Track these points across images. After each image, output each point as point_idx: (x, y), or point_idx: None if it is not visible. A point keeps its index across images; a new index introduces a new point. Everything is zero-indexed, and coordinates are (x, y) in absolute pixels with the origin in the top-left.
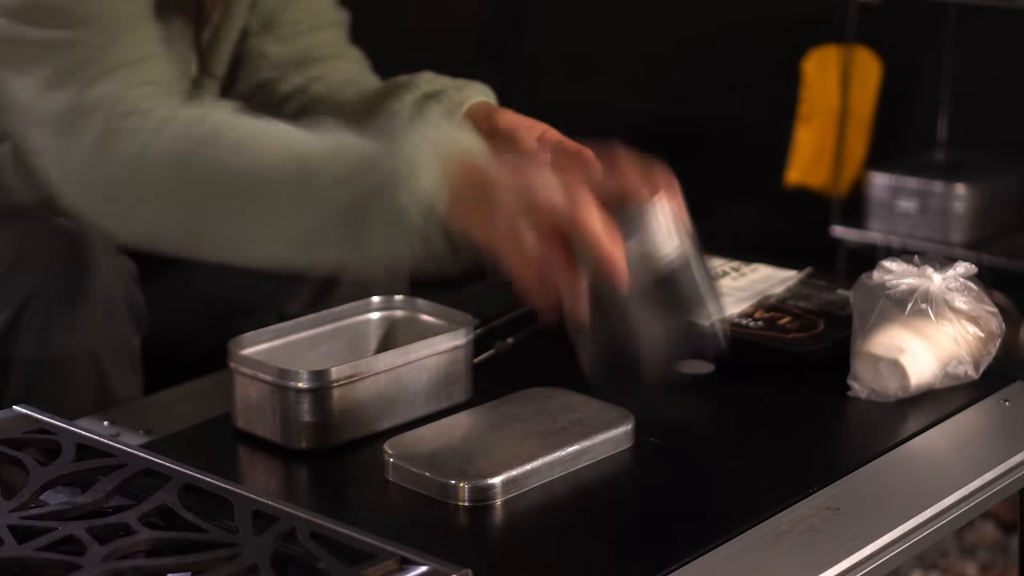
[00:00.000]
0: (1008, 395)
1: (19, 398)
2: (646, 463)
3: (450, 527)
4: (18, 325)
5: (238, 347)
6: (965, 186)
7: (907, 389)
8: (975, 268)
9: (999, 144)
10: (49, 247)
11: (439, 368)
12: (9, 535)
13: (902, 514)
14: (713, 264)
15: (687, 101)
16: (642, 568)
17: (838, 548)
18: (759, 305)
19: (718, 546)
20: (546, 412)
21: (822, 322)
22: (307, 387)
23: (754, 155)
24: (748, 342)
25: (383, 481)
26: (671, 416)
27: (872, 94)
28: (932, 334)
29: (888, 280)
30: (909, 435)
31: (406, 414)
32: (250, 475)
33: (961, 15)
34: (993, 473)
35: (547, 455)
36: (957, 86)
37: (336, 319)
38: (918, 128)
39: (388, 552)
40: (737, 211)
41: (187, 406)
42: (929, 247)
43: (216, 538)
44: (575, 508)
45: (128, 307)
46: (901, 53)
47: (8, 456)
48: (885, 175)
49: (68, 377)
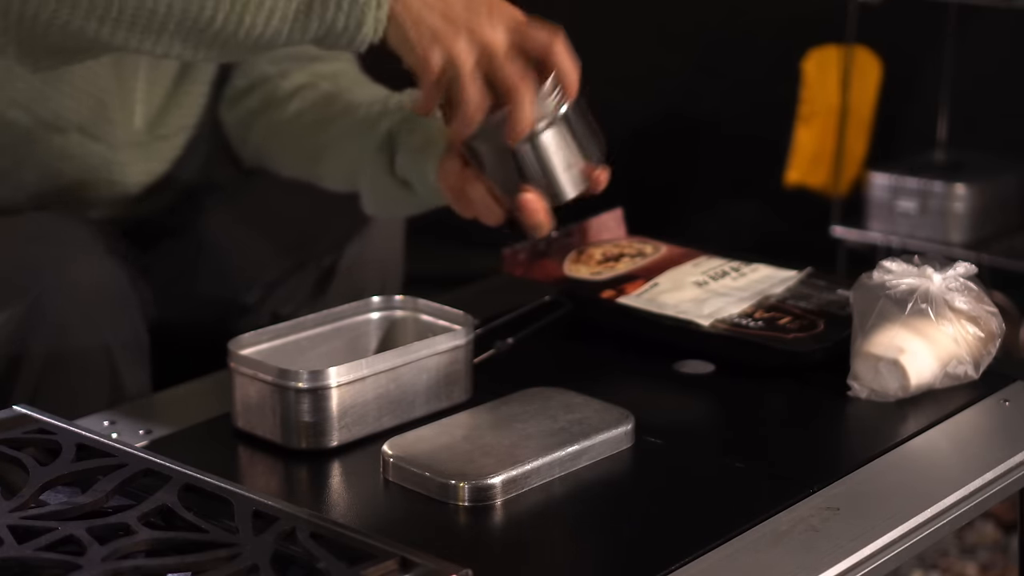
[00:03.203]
0: (1008, 395)
1: (30, 394)
2: (646, 463)
3: (450, 527)
4: (29, 320)
5: (238, 347)
6: (965, 186)
7: (907, 389)
8: (975, 268)
9: (999, 144)
10: (59, 242)
11: (439, 368)
12: (9, 535)
13: (902, 514)
14: (713, 264)
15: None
16: (642, 568)
17: (838, 548)
18: (759, 305)
19: (718, 546)
20: (546, 412)
21: (822, 322)
22: (307, 387)
23: (754, 155)
24: (748, 342)
25: (383, 481)
26: (671, 416)
27: (872, 94)
28: (932, 334)
29: (888, 280)
30: (909, 435)
31: (406, 414)
32: (250, 475)
33: (961, 15)
34: (993, 473)
35: (547, 455)
36: (957, 86)
37: (336, 319)
38: (918, 128)
39: (388, 552)
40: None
41: (187, 406)
42: (929, 247)
43: (216, 538)
44: (575, 508)
45: (136, 302)
46: (901, 53)
47: (8, 456)
48: (885, 175)
49: (80, 372)
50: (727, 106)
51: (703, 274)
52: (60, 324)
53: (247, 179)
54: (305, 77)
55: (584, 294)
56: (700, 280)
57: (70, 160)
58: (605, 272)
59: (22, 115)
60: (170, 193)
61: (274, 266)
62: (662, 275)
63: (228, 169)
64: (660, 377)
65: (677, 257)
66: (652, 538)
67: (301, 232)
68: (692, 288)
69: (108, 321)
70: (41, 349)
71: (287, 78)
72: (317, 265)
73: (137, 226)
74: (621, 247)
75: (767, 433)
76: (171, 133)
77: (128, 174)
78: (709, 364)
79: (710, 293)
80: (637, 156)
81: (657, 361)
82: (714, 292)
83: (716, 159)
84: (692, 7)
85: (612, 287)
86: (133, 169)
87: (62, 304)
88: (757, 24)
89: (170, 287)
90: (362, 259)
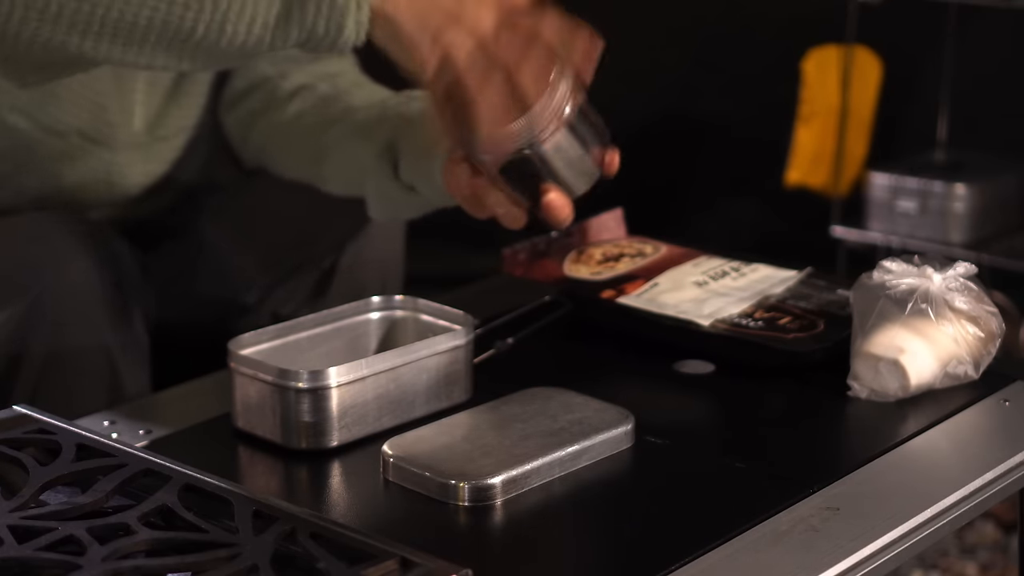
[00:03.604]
0: (1008, 395)
1: (29, 393)
2: (646, 463)
3: (450, 527)
4: (29, 320)
5: (238, 347)
6: (965, 186)
7: (907, 389)
8: (975, 268)
9: (999, 144)
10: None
11: (439, 368)
12: (9, 535)
13: (902, 514)
14: (713, 264)
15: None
16: (642, 568)
17: (838, 548)
18: (759, 305)
19: (718, 546)
20: (546, 412)
21: (822, 322)
22: (307, 387)
23: (754, 155)
24: (748, 342)
25: (383, 481)
26: (671, 416)
27: (872, 94)
28: (932, 334)
29: (888, 280)
30: (909, 435)
31: (406, 414)
32: (250, 475)
33: (961, 15)
34: (993, 473)
35: (547, 455)
36: (957, 86)
37: (336, 319)
38: (918, 128)
39: (388, 552)
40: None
41: (187, 406)
42: (929, 247)
43: (216, 538)
44: (575, 508)
45: (136, 301)
46: (901, 53)
47: (8, 456)
48: (885, 175)
49: (79, 372)
50: (727, 106)
51: (703, 274)
52: (60, 324)
53: (247, 179)
54: (304, 78)
55: (584, 294)
56: (700, 280)
57: (70, 163)
58: (605, 272)
59: (22, 120)
60: (170, 194)
61: (274, 266)
62: (662, 275)
63: (228, 170)
64: (660, 377)
65: (677, 257)
66: (652, 538)
67: (301, 232)
68: (692, 288)
69: (108, 321)
70: (41, 349)
71: (287, 79)
72: (317, 265)
73: (137, 226)
74: (621, 247)
75: (767, 433)
76: (171, 134)
77: (128, 176)
78: (709, 364)
79: (710, 293)
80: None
81: (657, 361)
82: (714, 292)
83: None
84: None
85: (612, 287)
86: (133, 171)
87: (62, 304)
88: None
89: (170, 287)
90: (362, 259)
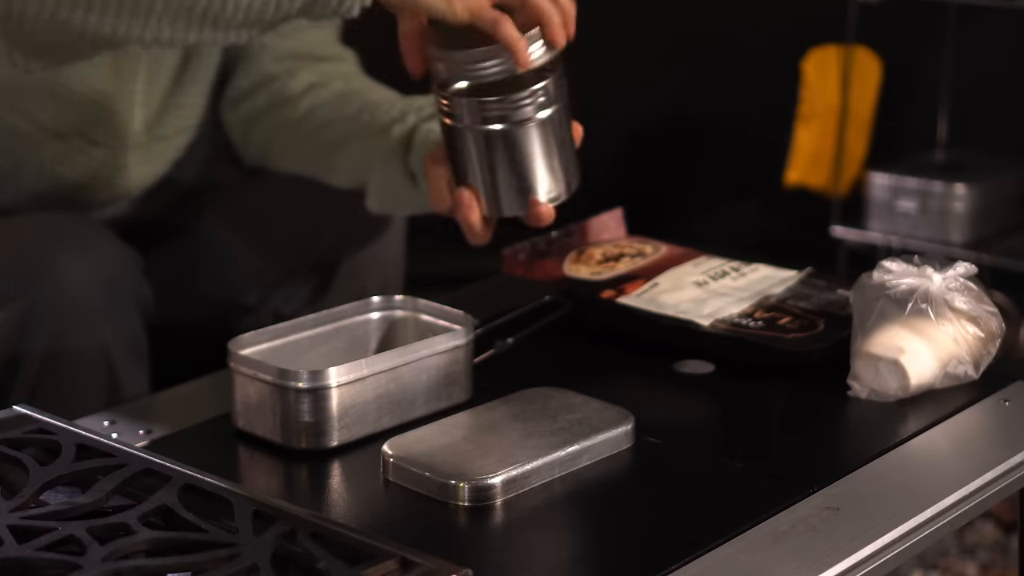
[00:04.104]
0: (1008, 395)
1: (28, 393)
2: (646, 463)
3: (450, 527)
4: (28, 320)
5: (238, 347)
6: (965, 186)
7: (907, 389)
8: (975, 268)
9: (999, 144)
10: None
11: (439, 368)
12: (9, 535)
13: (902, 514)
14: (713, 264)
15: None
16: (642, 568)
17: (838, 548)
18: (759, 305)
19: (718, 546)
20: (546, 412)
21: (822, 322)
22: (307, 387)
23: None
24: (748, 342)
25: (383, 481)
26: (671, 416)
27: (872, 94)
28: (932, 334)
29: (888, 280)
30: (909, 435)
31: (406, 414)
32: (250, 475)
33: (961, 15)
34: (993, 473)
35: (547, 455)
36: (957, 86)
37: (336, 319)
38: (918, 128)
39: (388, 552)
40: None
41: (187, 406)
42: (929, 247)
43: (216, 538)
44: (575, 508)
45: (136, 301)
46: (901, 53)
47: (8, 456)
48: (885, 175)
49: (77, 372)
50: (727, 106)
51: (703, 274)
52: (59, 324)
53: (247, 180)
54: (315, 76)
55: (584, 294)
56: (700, 280)
57: (71, 164)
58: (605, 272)
59: (22, 120)
60: (170, 194)
61: (274, 266)
62: (662, 275)
63: (228, 169)
64: (660, 377)
65: (677, 257)
66: (652, 538)
67: (301, 232)
68: (692, 288)
69: (107, 321)
70: (40, 349)
71: (295, 77)
72: (317, 265)
73: (137, 226)
74: (621, 247)
75: (767, 433)
76: (171, 135)
77: (129, 176)
78: (709, 364)
79: (710, 293)
80: (637, 156)
81: (657, 361)
82: (714, 292)
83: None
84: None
85: (612, 287)
86: (133, 171)
87: (61, 304)
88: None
89: (170, 287)
90: (362, 259)
